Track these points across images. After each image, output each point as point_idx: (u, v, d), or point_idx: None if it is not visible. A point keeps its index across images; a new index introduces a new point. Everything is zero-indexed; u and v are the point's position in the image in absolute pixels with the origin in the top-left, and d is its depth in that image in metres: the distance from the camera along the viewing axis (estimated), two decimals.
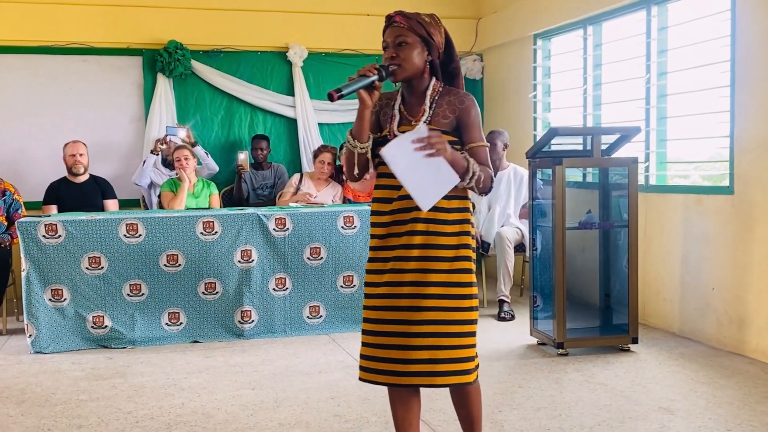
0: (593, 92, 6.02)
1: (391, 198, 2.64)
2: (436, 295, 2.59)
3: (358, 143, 2.64)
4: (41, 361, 4.59)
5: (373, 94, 2.56)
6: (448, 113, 2.65)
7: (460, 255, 2.63)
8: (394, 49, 2.62)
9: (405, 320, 2.59)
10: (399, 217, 2.63)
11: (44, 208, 5.99)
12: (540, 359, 4.51)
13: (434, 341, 2.58)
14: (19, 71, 6.62)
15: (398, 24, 2.63)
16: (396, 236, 2.63)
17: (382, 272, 2.66)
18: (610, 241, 4.94)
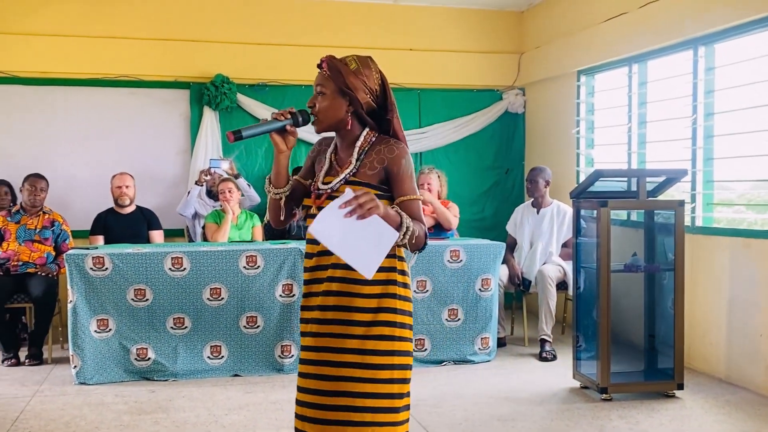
0: (638, 130, 5.97)
1: (311, 253, 2.48)
2: (351, 364, 2.35)
3: (273, 188, 2.51)
4: (85, 393, 4.65)
5: (287, 138, 2.43)
6: (376, 164, 2.44)
7: (379, 320, 2.36)
8: (312, 99, 2.48)
9: (315, 390, 2.38)
10: (317, 275, 2.46)
11: (91, 239, 6.11)
12: (583, 404, 4.44)
13: (347, 416, 2.35)
14: (71, 103, 6.79)
15: (322, 70, 2.47)
16: (314, 295, 2.45)
17: (304, 334, 2.48)
18: (655, 281, 4.87)
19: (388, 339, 2.37)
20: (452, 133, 7.56)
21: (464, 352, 5.37)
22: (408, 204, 2.41)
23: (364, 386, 2.34)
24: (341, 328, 2.37)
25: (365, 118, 2.49)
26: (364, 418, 2.34)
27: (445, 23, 7.56)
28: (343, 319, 2.37)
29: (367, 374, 2.34)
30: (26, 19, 6.66)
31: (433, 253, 5.29)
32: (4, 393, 4.66)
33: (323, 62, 2.47)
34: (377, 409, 2.34)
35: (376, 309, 2.37)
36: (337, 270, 2.37)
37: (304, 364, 2.44)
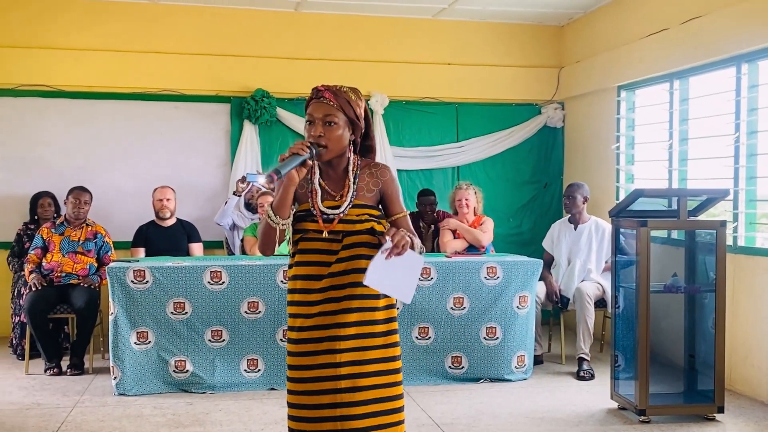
0: (679, 147, 5.90)
1: (321, 275, 2.57)
2: (375, 373, 2.57)
3: (280, 219, 2.53)
4: (125, 404, 4.73)
5: (301, 170, 2.53)
6: (372, 186, 2.67)
7: (391, 329, 2.63)
8: (322, 128, 2.57)
9: (345, 402, 2.54)
10: (331, 295, 2.57)
11: (133, 251, 6.22)
12: (621, 426, 4.39)
13: (376, 421, 2.55)
14: (115, 116, 6.92)
15: (327, 101, 2.58)
16: (329, 314, 2.56)
17: (315, 353, 2.57)
18: (695, 302, 4.80)
19: (397, 345, 2.66)
20: (490, 148, 7.54)
21: (500, 370, 5.34)
22: (402, 220, 2.69)
23: (391, 390, 2.59)
24: (364, 341, 2.57)
25: (357, 144, 2.70)
26: (399, 417, 2.60)
27: (484, 37, 7.55)
28: (365, 332, 2.57)
29: (391, 379, 2.60)
30: (72, 35, 6.82)
31: (469, 270, 5.28)
32: (47, 402, 4.75)
33: (326, 92, 2.59)
34: (401, 408, 2.63)
35: (387, 320, 2.63)
36: (356, 288, 2.55)
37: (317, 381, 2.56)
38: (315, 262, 2.58)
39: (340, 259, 2.58)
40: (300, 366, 2.59)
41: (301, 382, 2.58)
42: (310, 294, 2.58)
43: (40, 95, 6.79)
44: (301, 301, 2.60)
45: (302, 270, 2.60)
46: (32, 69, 6.75)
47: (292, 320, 2.64)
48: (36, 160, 6.81)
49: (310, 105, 2.63)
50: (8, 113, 6.76)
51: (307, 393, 2.57)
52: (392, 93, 7.31)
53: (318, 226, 2.58)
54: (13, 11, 6.74)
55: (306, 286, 2.59)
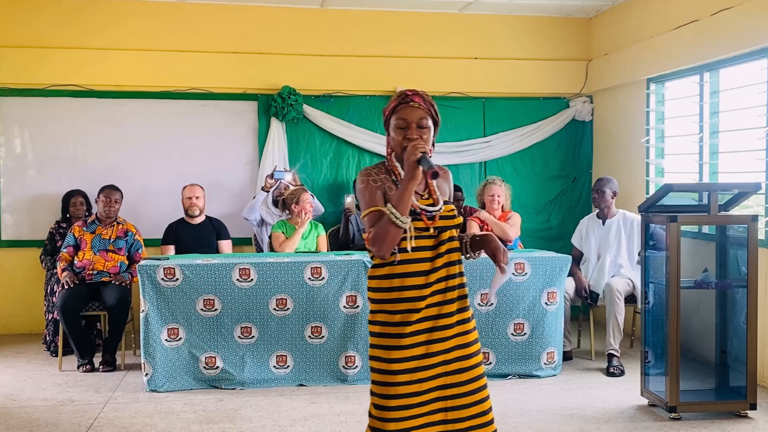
0: (710, 140, 5.82)
1: (426, 270, 2.70)
2: (476, 353, 2.76)
3: (404, 218, 2.61)
4: (156, 401, 4.79)
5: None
6: (444, 187, 2.88)
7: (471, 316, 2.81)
8: (417, 131, 2.69)
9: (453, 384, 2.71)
10: (437, 288, 2.72)
11: (163, 249, 6.28)
12: (651, 423, 4.36)
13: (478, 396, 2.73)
14: (143, 115, 7.00)
15: (418, 105, 2.70)
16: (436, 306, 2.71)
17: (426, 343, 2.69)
18: (727, 297, 4.74)
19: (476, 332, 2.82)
20: (518, 142, 7.50)
21: (529, 366, 5.33)
22: None
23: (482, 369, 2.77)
24: (463, 327, 2.74)
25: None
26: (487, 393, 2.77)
27: (511, 31, 7.51)
28: (463, 319, 2.74)
29: (481, 359, 2.80)
30: (101, 35, 6.90)
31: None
32: (80, 399, 4.83)
33: (415, 97, 2.71)
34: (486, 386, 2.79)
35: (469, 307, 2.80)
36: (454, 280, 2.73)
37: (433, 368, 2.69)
38: (420, 259, 2.68)
39: (440, 254, 2.71)
40: (410, 357, 2.67)
41: (410, 372, 2.66)
42: (419, 289, 2.68)
43: (70, 95, 6.88)
44: (408, 297, 2.68)
45: (408, 267, 2.68)
46: (62, 69, 6.84)
47: (389, 315, 2.69)
48: (67, 160, 6.91)
49: (399, 110, 2.72)
50: (39, 113, 6.86)
51: (418, 381, 2.66)
52: (419, 88, 7.22)
53: (424, 224, 2.69)
54: (43, 13, 6.83)
55: (414, 282, 2.68)
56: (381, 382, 2.70)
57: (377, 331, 2.73)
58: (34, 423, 4.35)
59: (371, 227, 2.65)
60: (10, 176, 6.84)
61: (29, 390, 5.05)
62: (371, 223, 2.66)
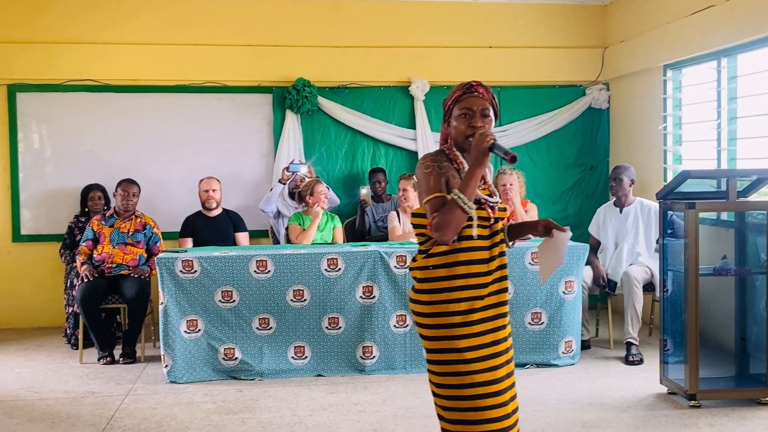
0: (728, 127, 5.76)
1: (487, 259, 2.74)
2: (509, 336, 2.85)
3: (472, 204, 2.62)
4: (176, 392, 4.83)
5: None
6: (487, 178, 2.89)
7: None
8: (481, 120, 2.72)
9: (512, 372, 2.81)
10: (497, 276, 2.77)
11: (180, 241, 6.32)
12: (670, 411, 4.34)
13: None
14: (160, 109, 7.04)
15: (481, 95, 2.75)
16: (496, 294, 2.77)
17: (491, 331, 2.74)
18: (746, 284, 4.70)
19: None
20: (534, 131, 7.47)
21: (547, 355, 5.32)
22: None
23: None
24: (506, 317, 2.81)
25: None
26: None
27: (526, 19, 7.47)
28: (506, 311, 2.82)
29: None
30: (115, 29, 6.94)
31: (514, 255, 5.25)
32: (101, 391, 4.88)
33: (479, 87, 2.76)
34: None
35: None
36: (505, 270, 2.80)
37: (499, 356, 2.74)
38: (482, 247, 2.72)
39: (495, 243, 2.76)
40: (481, 345, 2.70)
41: (482, 360, 2.70)
42: (483, 277, 2.71)
43: (86, 90, 6.92)
44: (473, 284, 2.70)
45: (471, 255, 2.71)
46: (78, 64, 6.89)
47: (454, 304, 2.69)
48: (84, 154, 6.96)
49: (463, 99, 2.75)
50: (56, 108, 6.91)
51: (491, 369, 2.70)
52: (433, 78, 7.28)
53: (487, 213, 2.74)
54: (57, 8, 6.88)
55: (477, 269, 2.71)
56: (454, 373, 2.69)
57: (440, 323, 2.70)
58: (55, 415, 4.40)
59: (434, 213, 2.64)
60: (28, 171, 6.90)
61: (50, 382, 5.10)
62: (433, 209, 2.65)
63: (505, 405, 2.70)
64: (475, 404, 2.67)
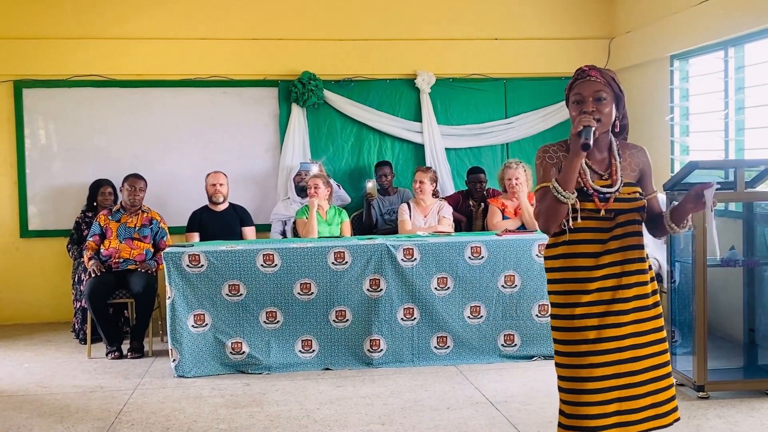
0: (735, 117, 5.73)
1: (597, 252, 2.69)
2: (651, 343, 2.70)
3: (567, 193, 2.63)
4: (184, 386, 4.84)
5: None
6: (634, 167, 2.78)
7: (657, 301, 2.76)
8: (593, 104, 2.68)
9: (628, 372, 2.68)
10: (610, 271, 2.69)
11: (187, 236, 6.33)
12: (679, 402, 4.26)
13: (655, 386, 2.70)
14: (167, 103, 7.04)
15: (594, 78, 2.70)
16: (609, 290, 2.69)
17: (599, 327, 2.68)
18: (754, 275, 4.68)
19: (661, 317, 2.77)
20: (540, 123, 7.45)
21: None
22: (656, 199, 2.84)
23: (663, 357, 2.72)
24: (641, 314, 2.70)
25: (617, 122, 2.78)
26: (668, 382, 2.74)
27: (532, 11, 7.44)
28: (641, 306, 2.70)
29: (662, 347, 2.73)
30: (122, 25, 6.94)
31: (520, 248, 5.25)
32: (109, 385, 4.90)
33: (593, 71, 2.71)
34: (670, 373, 2.75)
35: (654, 292, 2.76)
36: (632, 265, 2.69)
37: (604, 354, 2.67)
38: (590, 240, 2.68)
39: (615, 236, 2.69)
40: (582, 340, 2.69)
41: (583, 356, 2.69)
42: (588, 271, 2.69)
43: (92, 85, 6.93)
44: (583, 278, 2.70)
45: (577, 248, 2.70)
46: (85, 60, 6.89)
47: (563, 297, 2.73)
48: (91, 150, 6.97)
49: (575, 85, 2.74)
50: (63, 104, 6.92)
51: (591, 366, 2.67)
52: (439, 71, 7.26)
53: (594, 205, 2.67)
54: (64, 4, 6.88)
55: (583, 263, 2.69)
56: (559, 364, 2.76)
57: (552, 313, 2.79)
58: (64, 409, 4.42)
59: (538, 202, 2.70)
60: (35, 167, 6.91)
61: (59, 377, 5.12)
62: (539, 199, 2.70)
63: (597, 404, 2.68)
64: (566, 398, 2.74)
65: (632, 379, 2.68)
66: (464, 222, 6.56)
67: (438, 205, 6.28)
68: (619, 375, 2.67)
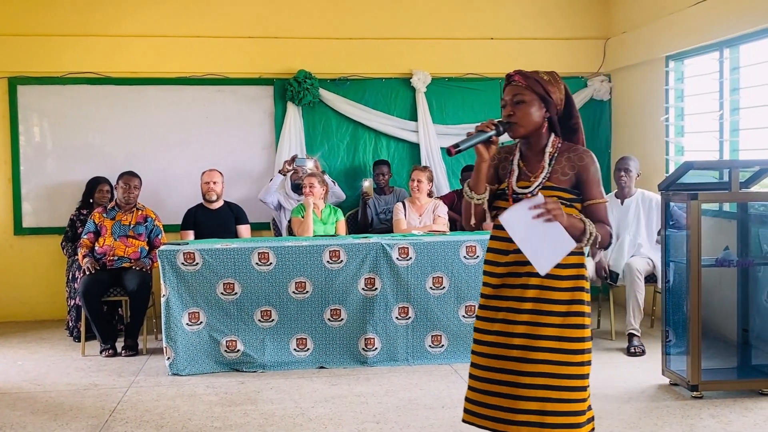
0: (730, 118, 5.75)
1: (507, 250, 2.73)
2: (548, 349, 2.66)
3: (474, 194, 2.73)
4: (178, 384, 4.83)
5: (490, 148, 2.68)
6: (567, 170, 2.72)
7: (573, 310, 2.68)
8: (511, 107, 2.71)
9: (515, 370, 2.69)
10: (514, 270, 2.73)
11: (182, 234, 6.32)
12: (672, 402, 4.34)
13: (544, 393, 2.65)
14: (161, 101, 7.02)
15: (516, 83, 2.72)
16: (509, 287, 2.73)
17: (493, 321, 2.75)
18: (748, 275, 4.70)
19: (580, 327, 2.68)
20: None
21: None
22: (595, 207, 2.71)
23: (562, 368, 2.64)
24: (538, 317, 2.66)
25: (555, 124, 2.78)
26: (561, 395, 2.65)
27: (527, 10, 7.45)
28: (541, 309, 2.67)
29: (563, 358, 2.65)
30: (116, 22, 6.92)
31: None
32: (103, 383, 4.89)
33: (515, 75, 2.73)
34: (572, 388, 2.66)
35: (569, 301, 2.67)
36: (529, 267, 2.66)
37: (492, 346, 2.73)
38: (504, 238, 2.70)
39: None
40: (481, 329, 2.79)
41: (479, 344, 2.79)
42: (497, 267, 2.76)
43: (88, 82, 6.91)
44: (489, 272, 2.80)
45: (494, 244, 2.79)
46: (80, 57, 6.87)
47: (482, 287, 2.83)
48: (86, 147, 6.96)
49: (504, 91, 2.78)
50: (58, 101, 6.90)
51: (483, 355, 2.76)
52: (434, 70, 7.26)
53: (508, 205, 2.70)
54: (59, 1, 6.86)
55: (495, 258, 2.78)
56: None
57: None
58: (58, 407, 4.41)
59: None
60: (29, 165, 6.89)
61: (53, 375, 5.11)
62: None
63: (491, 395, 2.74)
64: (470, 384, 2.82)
65: (518, 378, 2.67)
66: (459, 221, 6.57)
67: (433, 204, 6.29)
68: (505, 371, 2.70)
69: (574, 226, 2.58)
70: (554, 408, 2.64)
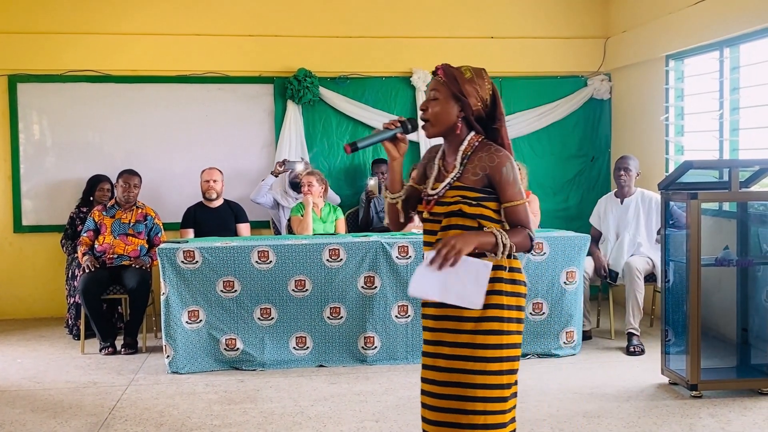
0: (730, 117, 5.75)
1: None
2: (462, 357, 2.53)
3: (389, 194, 2.68)
4: (178, 382, 4.83)
5: (398, 146, 2.62)
6: (478, 170, 2.56)
7: (487, 315, 2.51)
8: (425, 103, 2.63)
9: (431, 380, 2.61)
10: None
11: (182, 232, 6.32)
12: (672, 401, 4.34)
13: (458, 404, 2.54)
14: (161, 100, 7.02)
15: (438, 77, 2.61)
16: None
17: (424, 329, 2.71)
18: (748, 274, 4.70)
19: (497, 333, 2.52)
20: (535, 122, 7.45)
21: (549, 345, 5.32)
22: (512, 210, 2.55)
23: (474, 377, 2.51)
24: (454, 323, 2.54)
25: (474, 124, 2.61)
26: (475, 407, 2.51)
27: (527, 9, 7.45)
28: (455, 315, 2.53)
29: (477, 366, 2.51)
30: (116, 20, 6.92)
31: None
32: (103, 381, 4.89)
33: (439, 69, 2.61)
34: (488, 398, 2.51)
35: (486, 305, 2.49)
36: None
37: (424, 356, 2.67)
38: (426, 241, 2.67)
39: (439, 240, 2.55)
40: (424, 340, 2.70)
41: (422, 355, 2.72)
42: None
43: (87, 80, 6.91)
44: None
45: (424, 248, 2.70)
46: (80, 55, 6.87)
47: None
48: (86, 145, 6.96)
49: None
50: (58, 99, 6.90)
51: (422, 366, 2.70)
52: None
53: (423, 208, 2.66)
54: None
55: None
56: None
57: None
58: (57, 405, 4.41)
59: None
60: (29, 162, 6.89)
61: (52, 373, 5.11)
62: None
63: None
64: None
65: (431, 387, 2.60)
66: None
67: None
68: (423, 378, 2.64)
69: (484, 245, 2.43)
70: (469, 420, 2.51)
